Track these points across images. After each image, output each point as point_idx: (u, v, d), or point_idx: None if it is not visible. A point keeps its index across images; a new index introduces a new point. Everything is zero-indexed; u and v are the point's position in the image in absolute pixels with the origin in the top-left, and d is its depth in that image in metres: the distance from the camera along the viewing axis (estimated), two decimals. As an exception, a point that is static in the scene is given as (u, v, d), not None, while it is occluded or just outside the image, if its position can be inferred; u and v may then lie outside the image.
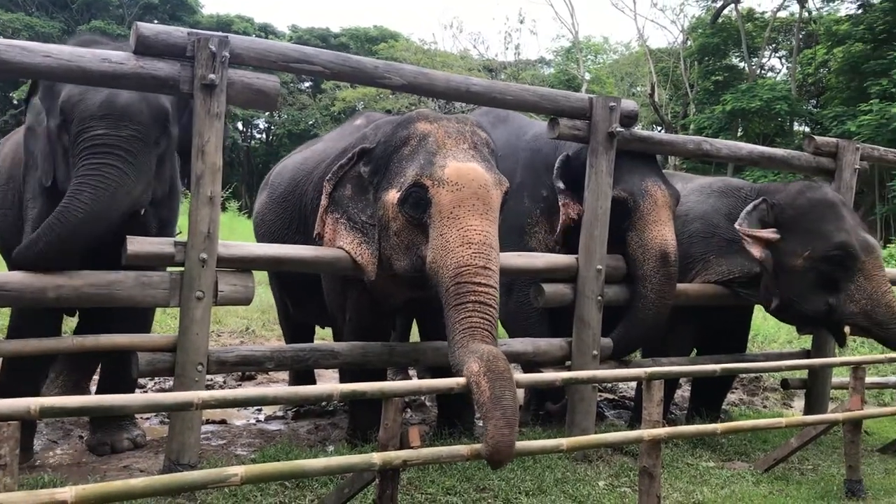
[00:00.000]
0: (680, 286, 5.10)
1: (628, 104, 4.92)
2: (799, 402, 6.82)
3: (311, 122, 33.09)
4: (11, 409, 2.33)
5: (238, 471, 2.58)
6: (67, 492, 2.31)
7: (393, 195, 3.95)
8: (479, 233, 3.69)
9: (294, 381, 6.08)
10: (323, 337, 6.46)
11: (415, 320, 5.74)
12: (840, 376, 5.96)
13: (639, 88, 29.64)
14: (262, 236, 5.42)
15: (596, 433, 4.72)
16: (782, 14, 27.67)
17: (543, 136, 5.14)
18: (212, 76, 3.65)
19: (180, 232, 4.06)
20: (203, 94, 3.68)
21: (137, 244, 3.68)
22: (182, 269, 3.76)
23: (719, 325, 5.56)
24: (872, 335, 5.08)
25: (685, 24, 29.43)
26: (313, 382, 5.93)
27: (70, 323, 5.07)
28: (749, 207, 5.18)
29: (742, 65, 27.73)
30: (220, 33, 3.77)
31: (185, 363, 3.74)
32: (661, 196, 4.96)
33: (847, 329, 5.01)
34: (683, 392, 6.93)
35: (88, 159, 3.69)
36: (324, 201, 4.22)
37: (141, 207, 3.89)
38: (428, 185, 3.80)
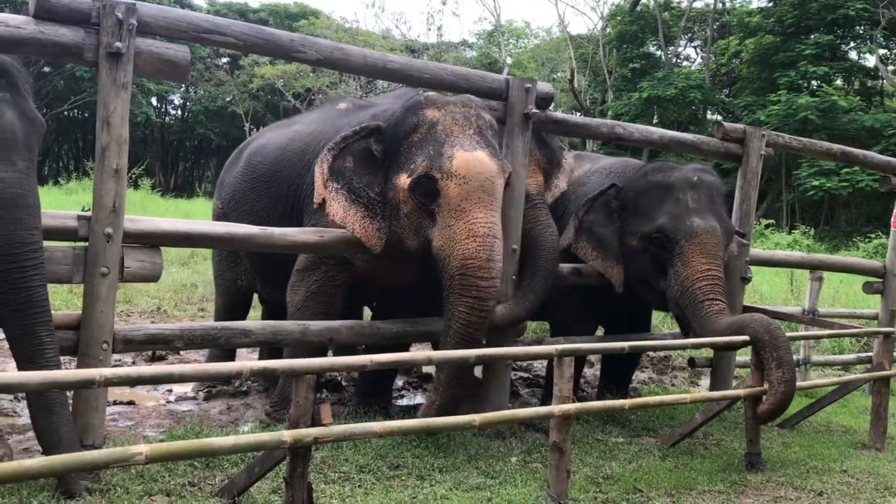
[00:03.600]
0: (574, 266, 5.24)
1: (544, 86, 4.97)
2: (706, 381, 7.05)
3: (228, 99, 32.36)
4: None
5: (143, 450, 2.52)
6: (-41, 473, 2.21)
7: (404, 180, 4.21)
8: (484, 225, 4.10)
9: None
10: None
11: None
12: (744, 356, 6.19)
13: (559, 74, 30.00)
14: (241, 214, 5.27)
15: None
16: (698, 4, 28.43)
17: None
18: (118, 44, 3.52)
19: (87, 207, 3.87)
20: (109, 62, 3.55)
21: (38, 218, 3.52)
22: (86, 244, 3.63)
23: (623, 305, 5.66)
24: (682, 326, 5.20)
25: (605, 11, 29.90)
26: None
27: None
28: (595, 193, 5.35)
29: (659, 53, 28.39)
30: (128, 1, 3.63)
31: (89, 341, 3.62)
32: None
33: None
34: (595, 371, 7.09)
35: None
36: (324, 170, 4.27)
37: None
38: (437, 178, 4.11)
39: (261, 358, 5.99)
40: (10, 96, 3.27)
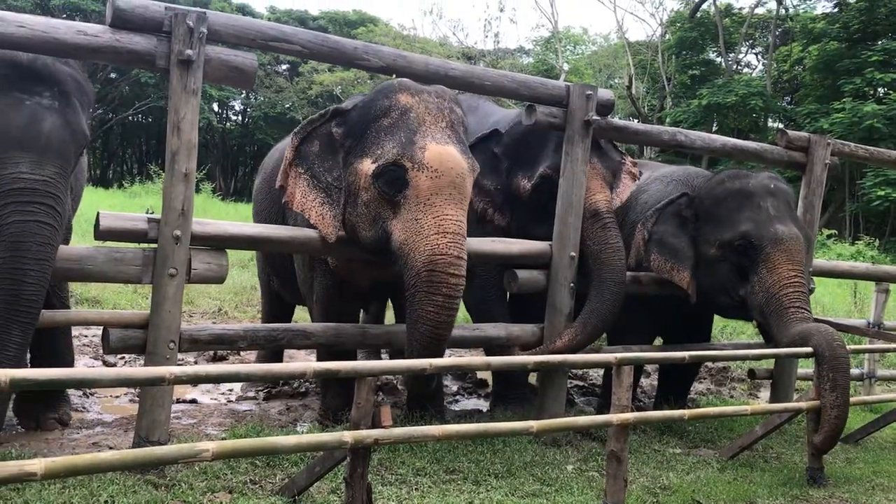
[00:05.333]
0: (633, 274, 5.19)
1: (605, 93, 4.96)
2: (765, 394, 6.92)
3: (287, 106, 32.84)
4: (-21, 381, 2.31)
5: (209, 446, 2.58)
6: (37, 464, 2.30)
7: (367, 165, 3.99)
8: (455, 222, 3.85)
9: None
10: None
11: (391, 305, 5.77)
12: (806, 367, 6.06)
13: (616, 80, 29.75)
14: (257, 216, 5.50)
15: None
16: (760, 11, 27.92)
17: (502, 123, 5.23)
18: (189, 52, 3.62)
19: (151, 210, 3.99)
20: (180, 69, 3.65)
21: (109, 220, 3.65)
22: (155, 246, 3.74)
23: (682, 315, 5.61)
24: (765, 334, 5.11)
25: (664, 17, 29.58)
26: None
27: None
28: (664, 202, 5.29)
29: (719, 60, 27.94)
30: (198, 9, 3.75)
31: (156, 340, 3.71)
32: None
33: None
34: (652, 381, 7.02)
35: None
36: (289, 154, 4.18)
37: None
38: (407, 167, 3.87)
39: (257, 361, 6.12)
40: (57, 105, 3.46)
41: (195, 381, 2.93)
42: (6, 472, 2.30)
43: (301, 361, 6.25)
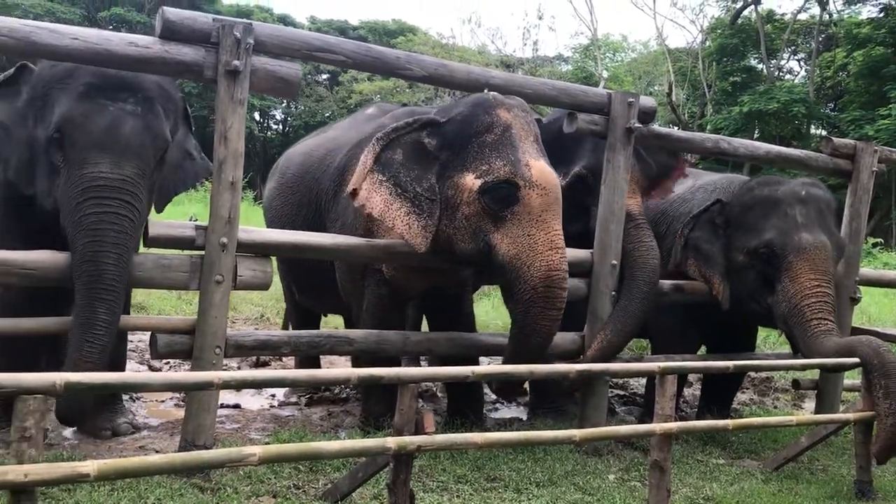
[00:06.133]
0: (675, 283, 5.16)
1: (646, 101, 4.94)
2: (809, 404, 6.80)
3: (327, 115, 33.11)
4: (37, 384, 2.37)
5: (256, 451, 2.63)
6: (89, 465, 2.36)
7: (471, 181, 4.05)
8: (561, 238, 4.10)
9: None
10: (336, 325, 6.50)
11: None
12: (852, 378, 5.95)
13: (656, 87, 29.52)
14: (270, 221, 5.50)
15: (607, 427, 4.74)
16: (802, 16, 27.51)
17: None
18: (236, 62, 3.68)
19: (195, 217, 4.09)
20: (227, 80, 3.71)
21: (158, 227, 3.73)
22: (202, 253, 3.81)
23: (725, 324, 5.55)
24: (793, 343, 5.05)
25: (704, 24, 29.28)
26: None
27: None
28: (700, 209, 5.25)
29: (760, 66, 27.60)
30: (244, 20, 3.81)
31: (203, 346, 3.78)
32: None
33: None
34: (694, 391, 6.94)
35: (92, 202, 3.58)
36: (369, 159, 4.15)
37: None
38: (520, 185, 3.99)
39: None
40: (139, 110, 3.69)
41: (242, 386, 2.98)
42: (60, 473, 2.36)
43: (341, 368, 6.30)
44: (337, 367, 6.41)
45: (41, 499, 3.18)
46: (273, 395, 5.78)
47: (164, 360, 6.18)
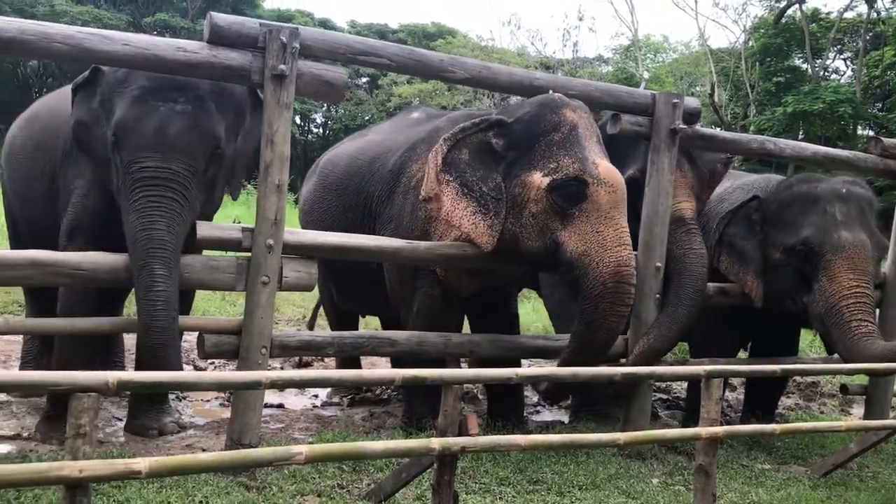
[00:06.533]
0: (719, 285, 5.10)
1: (691, 101, 4.91)
2: (858, 410, 6.68)
3: (367, 118, 33.27)
4: (91, 381, 2.42)
5: (302, 450, 2.65)
6: (141, 462, 2.40)
7: (539, 178, 4.14)
8: (628, 235, 4.18)
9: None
10: (376, 326, 6.53)
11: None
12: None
13: (698, 88, 29.15)
14: (310, 224, 5.49)
15: (650, 431, 4.70)
16: (849, 15, 26.98)
17: None
18: (282, 67, 3.73)
19: (239, 219, 4.15)
20: (273, 84, 3.76)
21: (205, 229, 3.80)
22: (249, 254, 3.86)
23: (767, 326, 5.47)
24: (828, 345, 4.96)
25: (747, 23, 28.85)
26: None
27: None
28: (736, 206, 5.19)
29: (805, 66, 27.11)
30: (290, 25, 3.86)
31: (249, 346, 3.83)
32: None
33: None
34: (737, 395, 6.85)
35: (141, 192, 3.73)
36: (438, 161, 4.23)
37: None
38: (589, 182, 4.07)
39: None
40: (189, 109, 3.77)
41: (289, 385, 3.02)
42: (114, 470, 2.41)
43: (384, 369, 6.33)
44: (378, 369, 6.45)
45: (92, 494, 3.24)
46: (315, 396, 5.84)
47: (209, 361, 6.28)
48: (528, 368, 3.86)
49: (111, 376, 2.45)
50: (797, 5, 25.93)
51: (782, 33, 26.63)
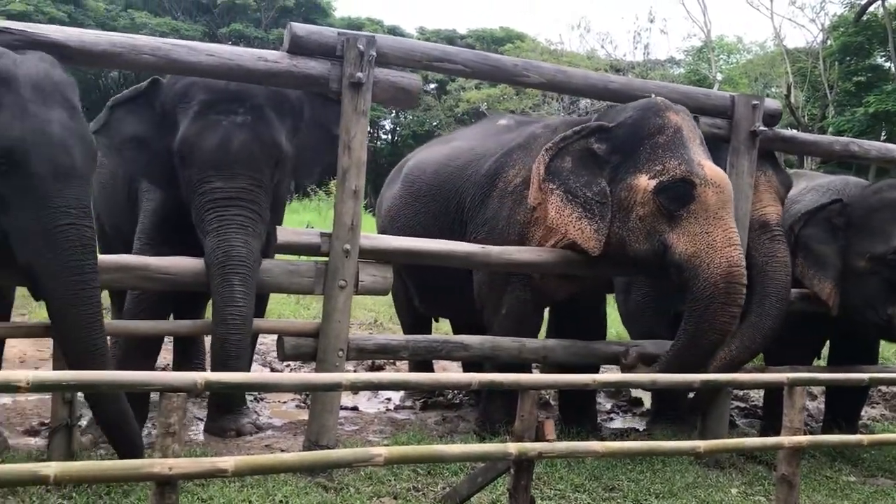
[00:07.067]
0: (801, 291, 4.95)
1: (771, 103, 4.82)
2: (948, 422, 6.42)
3: (434, 123, 33.47)
4: (180, 382, 2.50)
5: (381, 451, 2.69)
6: (228, 461, 2.47)
7: (645, 181, 4.19)
8: (737, 235, 4.19)
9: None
10: (446, 331, 6.55)
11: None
12: None
13: (773, 90, 28.44)
14: (396, 230, 5.49)
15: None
16: (935, 10, 26.00)
17: None
18: (359, 74, 3.79)
19: (311, 225, 4.22)
20: (351, 91, 3.83)
21: (285, 234, 3.90)
22: (326, 259, 3.93)
23: (845, 333, 5.29)
24: None
25: (825, 22, 28.04)
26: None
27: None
28: (815, 207, 5.01)
29: (888, 65, 26.17)
30: (367, 33, 3.92)
31: (326, 349, 3.90)
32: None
33: None
34: (818, 404, 6.65)
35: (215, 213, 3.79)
36: (541, 171, 4.31)
37: None
38: (696, 183, 4.11)
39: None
40: (249, 120, 3.80)
41: (367, 388, 3.07)
42: (201, 468, 2.49)
43: (456, 373, 6.36)
44: (449, 373, 6.47)
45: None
46: (388, 399, 5.89)
47: (285, 363, 6.39)
48: (607, 374, 3.81)
49: (199, 377, 2.53)
50: (879, 2, 25.08)
51: (864, 31, 25.78)
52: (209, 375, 2.58)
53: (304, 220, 13.99)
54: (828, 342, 5.71)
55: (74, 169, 3.15)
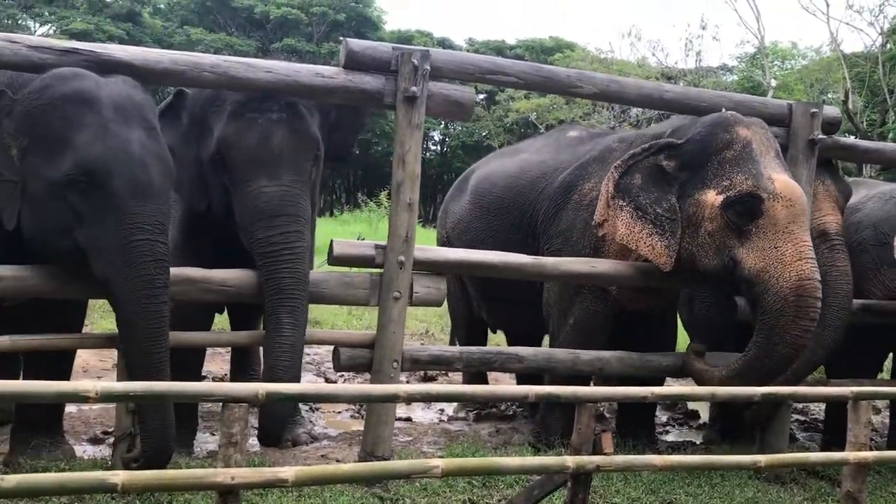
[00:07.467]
0: (864, 302, 4.82)
1: (830, 111, 4.74)
2: None
3: (484, 134, 33.51)
4: (241, 393, 2.56)
5: (438, 463, 2.70)
6: (288, 471, 2.52)
7: (713, 197, 4.19)
8: (811, 249, 4.11)
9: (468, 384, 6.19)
10: (497, 343, 6.54)
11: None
12: None
13: (830, 95, 27.81)
14: (466, 244, 5.42)
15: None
16: None
17: None
18: (414, 88, 3.83)
19: (361, 236, 4.26)
20: (405, 106, 3.87)
21: (341, 246, 3.94)
22: (381, 270, 3.97)
23: None
24: None
25: (885, 25, 27.36)
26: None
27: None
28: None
29: (950, 68, 25.46)
30: (421, 47, 3.96)
31: (381, 359, 3.93)
32: None
33: None
34: (882, 418, 6.47)
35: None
36: (609, 188, 4.34)
37: None
38: (764, 198, 4.08)
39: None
40: (285, 116, 3.88)
41: (424, 399, 3.10)
42: (263, 478, 2.54)
43: (509, 385, 6.34)
44: (502, 385, 6.46)
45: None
46: (441, 410, 5.90)
47: (339, 374, 6.45)
48: (664, 387, 3.78)
49: (260, 388, 2.58)
50: (941, 4, 24.39)
51: (924, 34, 25.03)
52: (270, 386, 2.63)
53: (354, 231, 14.13)
54: (892, 354, 5.58)
55: (152, 187, 3.30)
